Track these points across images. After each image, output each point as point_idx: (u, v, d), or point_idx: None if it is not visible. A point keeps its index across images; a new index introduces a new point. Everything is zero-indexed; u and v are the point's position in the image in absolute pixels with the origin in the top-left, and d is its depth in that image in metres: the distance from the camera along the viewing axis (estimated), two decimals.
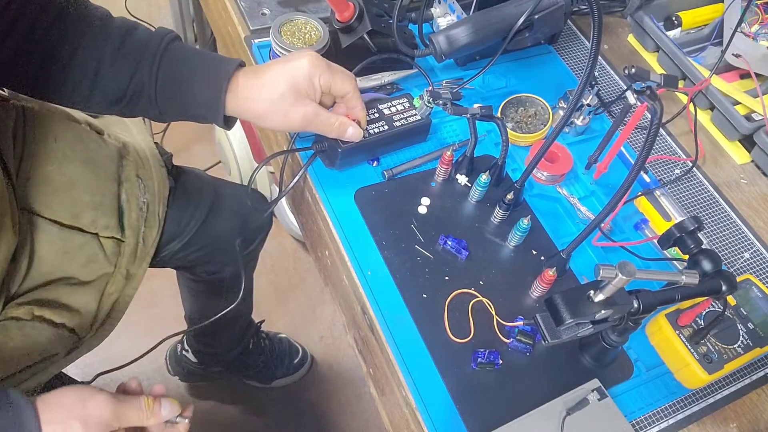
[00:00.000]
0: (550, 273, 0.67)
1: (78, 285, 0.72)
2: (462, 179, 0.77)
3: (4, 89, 0.69)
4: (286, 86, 0.61)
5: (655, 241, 0.72)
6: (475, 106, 0.71)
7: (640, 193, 0.79)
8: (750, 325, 0.67)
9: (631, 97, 0.65)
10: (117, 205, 0.75)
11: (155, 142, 0.88)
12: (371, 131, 0.75)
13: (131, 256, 0.77)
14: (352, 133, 0.68)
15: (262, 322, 1.39)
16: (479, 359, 0.64)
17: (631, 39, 1.03)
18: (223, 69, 0.62)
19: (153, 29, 0.64)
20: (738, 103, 0.91)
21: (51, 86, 0.61)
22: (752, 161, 0.90)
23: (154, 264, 0.87)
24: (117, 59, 0.60)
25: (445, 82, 0.88)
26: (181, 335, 1.37)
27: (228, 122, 0.65)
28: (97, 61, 0.60)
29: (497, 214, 0.74)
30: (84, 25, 0.60)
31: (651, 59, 1.00)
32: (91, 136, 0.76)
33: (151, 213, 0.80)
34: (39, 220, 0.68)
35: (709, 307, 0.66)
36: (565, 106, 0.85)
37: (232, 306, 0.86)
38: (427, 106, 0.77)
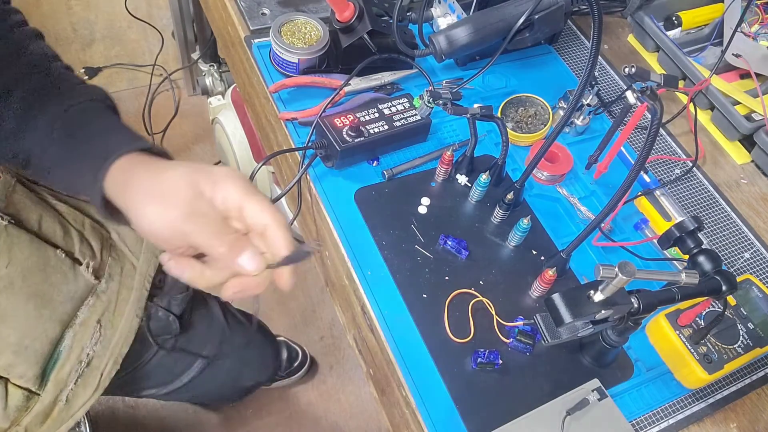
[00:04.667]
0: (550, 273, 0.67)
1: None
2: (462, 179, 0.77)
3: None
4: (185, 175, 0.44)
5: (655, 241, 0.72)
6: (475, 106, 0.71)
7: (640, 193, 0.79)
8: (750, 325, 0.67)
9: (631, 97, 0.64)
10: (50, 352, 0.63)
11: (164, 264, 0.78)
12: (371, 131, 0.75)
13: (40, 415, 0.64)
14: (247, 260, 0.43)
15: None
16: (479, 359, 0.64)
17: (631, 39, 1.03)
18: (124, 144, 0.48)
19: (87, 86, 0.53)
20: (738, 103, 0.91)
21: None
22: (752, 161, 0.90)
23: (128, 395, 0.80)
24: (20, 108, 0.50)
25: (445, 82, 0.88)
26: None
27: (110, 210, 0.48)
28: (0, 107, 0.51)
29: (497, 214, 0.74)
30: (6, 60, 0.51)
31: (651, 59, 1.00)
32: (60, 267, 0.64)
33: (92, 369, 0.67)
34: None
35: (709, 307, 0.66)
36: (565, 106, 0.85)
37: None
38: (427, 106, 0.77)
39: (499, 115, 0.83)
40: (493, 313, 0.68)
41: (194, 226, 0.42)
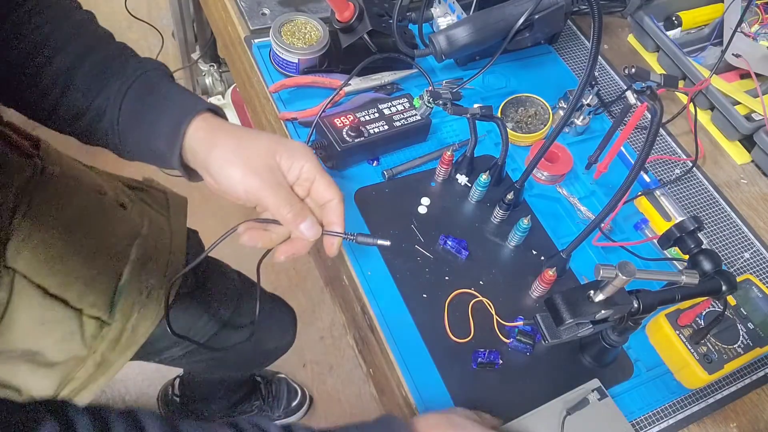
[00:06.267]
0: (550, 273, 0.67)
1: (42, 366, 0.63)
2: (462, 179, 0.77)
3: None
4: (267, 146, 0.52)
5: (655, 241, 0.72)
6: (475, 106, 0.71)
7: (640, 193, 0.79)
8: (750, 325, 0.67)
9: (631, 97, 0.64)
10: (114, 285, 0.68)
11: (192, 233, 0.83)
12: (371, 131, 0.75)
13: (112, 342, 0.69)
14: (306, 227, 0.52)
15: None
16: (479, 359, 0.64)
17: (631, 39, 1.03)
18: (198, 104, 0.53)
19: (147, 58, 0.58)
20: (738, 103, 0.91)
21: (21, 88, 0.54)
22: (752, 161, 0.90)
23: (147, 360, 0.82)
24: (92, 72, 0.54)
25: (445, 82, 0.88)
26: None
27: (188, 171, 0.55)
28: (72, 70, 0.54)
29: (497, 214, 0.74)
30: (75, 32, 0.55)
31: (651, 59, 1.00)
32: (109, 209, 0.70)
33: (151, 300, 0.72)
34: (23, 283, 0.60)
35: (709, 307, 0.66)
36: (565, 106, 0.85)
37: None
38: (427, 106, 0.77)
39: (499, 115, 0.83)
40: (493, 313, 0.68)
41: (270, 192, 0.50)
